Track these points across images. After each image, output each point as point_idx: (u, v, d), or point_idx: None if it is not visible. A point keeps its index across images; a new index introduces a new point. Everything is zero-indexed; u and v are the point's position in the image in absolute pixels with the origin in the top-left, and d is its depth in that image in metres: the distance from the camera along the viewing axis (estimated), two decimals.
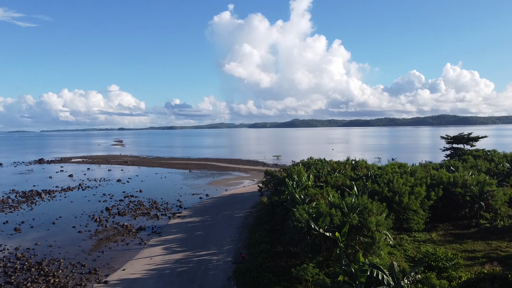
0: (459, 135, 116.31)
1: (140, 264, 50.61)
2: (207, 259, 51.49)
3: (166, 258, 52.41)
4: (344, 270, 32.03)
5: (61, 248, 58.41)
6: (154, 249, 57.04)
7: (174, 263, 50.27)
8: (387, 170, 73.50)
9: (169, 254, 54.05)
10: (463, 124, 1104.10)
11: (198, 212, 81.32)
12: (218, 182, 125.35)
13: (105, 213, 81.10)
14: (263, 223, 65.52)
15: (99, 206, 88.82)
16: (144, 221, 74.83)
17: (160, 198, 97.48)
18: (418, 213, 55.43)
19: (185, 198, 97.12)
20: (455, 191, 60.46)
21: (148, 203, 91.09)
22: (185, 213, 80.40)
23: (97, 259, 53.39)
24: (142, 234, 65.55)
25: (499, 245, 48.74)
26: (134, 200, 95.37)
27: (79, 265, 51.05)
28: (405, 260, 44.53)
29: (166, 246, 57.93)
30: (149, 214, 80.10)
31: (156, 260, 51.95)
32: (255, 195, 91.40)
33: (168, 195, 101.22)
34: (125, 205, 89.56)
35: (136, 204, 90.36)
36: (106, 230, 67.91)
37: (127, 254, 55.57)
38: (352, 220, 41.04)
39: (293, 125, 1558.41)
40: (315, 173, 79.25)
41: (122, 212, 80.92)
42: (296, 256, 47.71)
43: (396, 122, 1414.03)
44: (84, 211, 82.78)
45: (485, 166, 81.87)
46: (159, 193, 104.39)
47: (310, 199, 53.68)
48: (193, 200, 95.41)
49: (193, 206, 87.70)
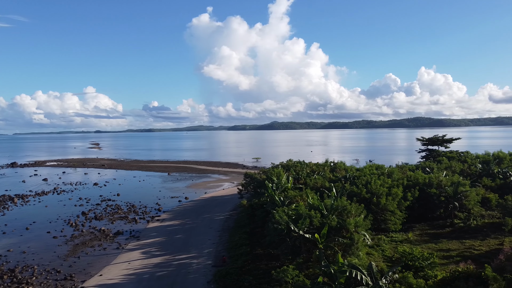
0: (434, 137, 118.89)
1: (118, 269, 49.69)
2: (187, 262, 51.02)
3: (145, 263, 51.65)
4: (323, 271, 32.29)
5: (35, 254, 56.75)
6: (133, 253, 56.13)
7: (153, 268, 49.60)
8: (365, 171, 74.53)
9: (148, 258, 53.28)
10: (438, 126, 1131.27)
11: (177, 215, 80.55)
12: (197, 185, 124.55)
13: (81, 218, 79.35)
14: (243, 226, 65.47)
15: (75, 210, 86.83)
16: (122, 225, 73.59)
17: (138, 201, 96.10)
18: (395, 214, 56.44)
19: (164, 201, 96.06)
20: (430, 192, 61.88)
21: (126, 207, 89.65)
22: (164, 217, 79.51)
23: (73, 264, 52.15)
24: (120, 239, 64.42)
25: (473, 244, 50.13)
26: (111, 204, 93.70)
27: (54, 271, 49.72)
28: (383, 260, 45.20)
29: (144, 250, 57.10)
30: (127, 218, 78.82)
31: (135, 264, 51.13)
32: (235, 197, 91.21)
33: (147, 199, 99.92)
34: (102, 209, 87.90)
35: (114, 208, 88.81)
36: (82, 235, 66.45)
37: (104, 259, 54.48)
38: (331, 222, 41.44)
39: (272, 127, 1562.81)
40: (294, 175, 79.70)
41: (99, 216, 79.39)
42: (277, 258, 47.82)
43: (374, 125, 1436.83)
44: (60, 216, 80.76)
45: (458, 167, 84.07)
46: (137, 197, 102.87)
47: (290, 201, 53.93)
48: (172, 203, 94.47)
49: (173, 209, 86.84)
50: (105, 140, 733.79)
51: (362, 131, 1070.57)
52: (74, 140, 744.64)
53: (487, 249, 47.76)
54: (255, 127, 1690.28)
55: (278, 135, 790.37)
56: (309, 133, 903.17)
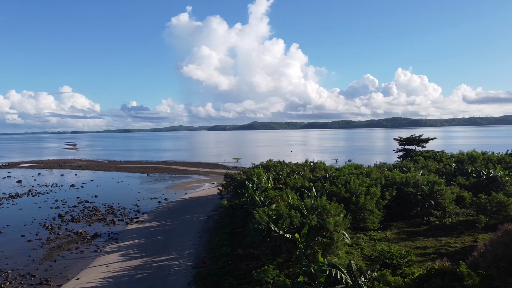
0: (411, 137, 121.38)
1: (96, 272, 48.78)
2: (167, 264, 50.52)
3: (124, 265, 50.87)
4: (304, 270, 32.54)
5: (9, 258, 55.07)
6: (111, 256, 55.20)
7: (133, 270, 48.90)
8: (344, 171, 75.49)
9: (127, 261, 52.51)
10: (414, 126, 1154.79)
11: (157, 216, 79.66)
12: (177, 186, 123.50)
13: (57, 220, 77.49)
14: (223, 226, 65.30)
15: (50, 213, 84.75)
16: (99, 227, 72.27)
17: (117, 203, 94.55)
18: (373, 213, 57.35)
19: (143, 203, 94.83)
20: (407, 191, 63.17)
21: (104, 209, 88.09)
22: (144, 218, 78.51)
23: (48, 268, 50.87)
24: (98, 241, 63.25)
25: (448, 241, 51.47)
26: (89, 206, 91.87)
27: (28, 276, 48.39)
28: (362, 259, 45.89)
29: (123, 253, 56.23)
30: (105, 220, 77.45)
31: (113, 267, 50.29)
32: (215, 198, 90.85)
33: (125, 200, 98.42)
34: (79, 211, 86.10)
35: (91, 210, 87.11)
36: (58, 238, 64.94)
37: (82, 262, 53.38)
38: (311, 221, 41.77)
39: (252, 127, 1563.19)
40: (274, 175, 79.98)
41: (76, 219, 77.73)
42: (257, 259, 47.89)
43: (352, 125, 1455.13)
44: (35, 219, 78.67)
45: (434, 166, 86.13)
46: (115, 198, 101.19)
47: (270, 201, 54.10)
48: (151, 204, 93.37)
49: (152, 211, 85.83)
50: (82, 140, 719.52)
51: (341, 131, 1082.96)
52: (49, 141, 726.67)
53: (461, 246, 49.13)
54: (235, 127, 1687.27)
55: (258, 135, 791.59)
56: (289, 133, 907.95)
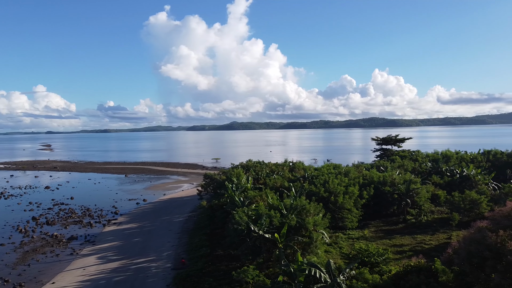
0: (388, 137, 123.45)
1: (72, 276, 47.73)
2: (145, 266, 49.89)
3: (101, 268, 49.95)
4: (283, 270, 32.72)
5: None
6: (88, 259, 54.12)
7: (110, 273, 48.07)
8: (323, 171, 76.27)
9: (105, 264, 51.58)
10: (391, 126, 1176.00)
11: (135, 218, 78.58)
12: (156, 187, 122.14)
13: (31, 223, 75.43)
14: (203, 227, 65.00)
15: (24, 215, 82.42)
16: (76, 229, 70.75)
17: (93, 204, 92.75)
18: (352, 212, 58.19)
19: (121, 204, 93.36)
20: (384, 190, 64.36)
21: (81, 211, 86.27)
22: (121, 220, 77.32)
23: (22, 273, 49.45)
24: (74, 244, 61.90)
25: (424, 238, 52.73)
26: (64, 208, 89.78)
27: (1, 281, 46.89)
28: (340, 257, 46.48)
29: (101, 255, 55.21)
30: (81, 222, 75.86)
31: (90, 270, 49.32)
32: (195, 199, 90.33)
33: (103, 202, 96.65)
34: (55, 213, 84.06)
35: (67, 212, 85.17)
36: (32, 241, 63.22)
37: (57, 266, 52.13)
38: (291, 221, 42.04)
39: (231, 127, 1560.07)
40: (254, 175, 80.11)
41: (51, 221, 75.89)
42: (237, 259, 47.86)
43: (331, 125, 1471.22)
44: (7, 222, 76.31)
45: (410, 165, 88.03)
46: (92, 200, 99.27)
47: (250, 202, 54.14)
48: (129, 205, 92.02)
49: (130, 212, 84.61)
50: (57, 141, 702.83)
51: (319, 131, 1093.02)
52: (23, 142, 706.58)
53: (436, 243, 50.42)
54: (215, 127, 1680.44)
55: (238, 135, 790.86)
56: (268, 133, 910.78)
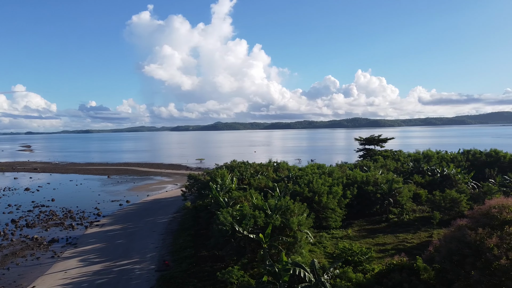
0: (370, 137, 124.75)
1: (53, 279, 46.87)
2: (129, 268, 49.35)
3: (83, 271, 49.19)
4: (268, 270, 32.79)
5: None
6: (70, 261, 53.22)
7: (93, 275, 47.39)
8: (307, 171, 76.68)
9: (87, 266, 50.81)
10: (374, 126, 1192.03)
11: (118, 219, 77.62)
12: (139, 188, 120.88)
13: (10, 226, 73.72)
14: (187, 228, 64.66)
15: (3, 218, 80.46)
16: (57, 232, 69.48)
17: (75, 206, 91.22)
18: (335, 212, 58.69)
19: (103, 206, 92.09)
20: (367, 189, 65.13)
21: (62, 213, 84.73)
22: (104, 221, 76.27)
23: (1, 277, 48.31)
24: (55, 247, 60.79)
25: (406, 237, 53.56)
26: (45, 210, 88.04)
27: None
28: (324, 257, 46.86)
29: (83, 258, 54.37)
30: (63, 224, 74.52)
31: (72, 273, 48.53)
32: (179, 199, 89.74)
33: (85, 203, 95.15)
34: (35, 215, 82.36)
35: (48, 214, 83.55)
36: (12, 245, 61.81)
37: (38, 269, 51.11)
38: (275, 221, 42.17)
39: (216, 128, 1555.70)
40: (238, 175, 80.00)
41: (31, 224, 74.32)
42: (222, 260, 47.77)
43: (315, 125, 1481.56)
44: None
45: (393, 165, 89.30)
46: (74, 201, 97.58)
47: (234, 202, 54.07)
48: (112, 207, 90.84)
49: (113, 214, 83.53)
50: (37, 142, 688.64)
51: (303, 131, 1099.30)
52: (1, 142, 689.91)
53: (418, 241, 51.27)
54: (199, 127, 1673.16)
55: (222, 136, 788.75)
56: (253, 134, 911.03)
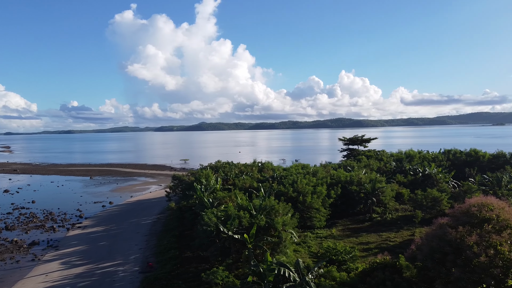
0: (354, 137, 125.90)
1: (33, 283, 45.92)
2: (112, 270, 48.71)
3: (65, 274, 48.34)
4: (253, 270, 32.82)
5: None
6: (51, 264, 52.23)
7: (75, 278, 46.61)
8: (291, 171, 77.02)
9: (69, 269, 49.96)
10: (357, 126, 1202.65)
11: (101, 221, 76.54)
12: (122, 189, 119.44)
13: None
14: (171, 229, 64.17)
15: None
16: (37, 234, 68.11)
17: (57, 208, 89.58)
18: (320, 211, 59.11)
19: (86, 207, 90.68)
20: (351, 189, 65.78)
21: (43, 215, 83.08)
22: (87, 223, 75.12)
23: None
24: (36, 249, 59.57)
25: (389, 236, 54.30)
26: (25, 212, 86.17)
27: None
28: (309, 256, 47.13)
29: (64, 261, 53.43)
30: (43, 226, 73.08)
31: (53, 276, 47.64)
32: (163, 200, 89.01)
33: (66, 205, 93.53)
34: (15, 218, 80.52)
35: (28, 216, 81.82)
36: None
37: (18, 272, 50.00)
38: (260, 221, 42.22)
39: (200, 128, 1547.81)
40: (223, 176, 79.82)
41: (11, 227, 72.63)
42: (206, 261, 47.59)
43: (299, 125, 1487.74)
44: None
45: (376, 165, 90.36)
46: (55, 203, 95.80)
47: (219, 203, 53.95)
48: (95, 208, 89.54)
49: (96, 215, 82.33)
50: (17, 142, 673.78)
51: (288, 131, 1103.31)
52: None
53: (401, 240, 52.04)
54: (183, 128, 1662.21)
55: (206, 136, 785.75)
56: (237, 134, 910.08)
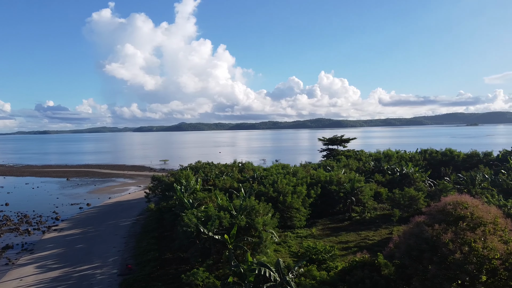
0: (333, 137, 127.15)
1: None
2: (89, 273, 47.78)
3: (40, 278, 47.14)
4: (233, 271, 32.79)
5: None
6: (25, 268, 50.82)
7: (51, 282, 45.51)
8: (272, 171, 77.25)
9: (44, 273, 48.72)
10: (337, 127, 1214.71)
11: (78, 223, 74.96)
12: (100, 190, 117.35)
13: None
14: (151, 231, 63.45)
15: None
16: (11, 238, 66.17)
17: (32, 210, 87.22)
18: (300, 211, 59.48)
19: (62, 209, 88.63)
20: (331, 189, 66.43)
21: (17, 217, 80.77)
22: (63, 226, 73.45)
23: None
24: (10, 253, 57.86)
25: (367, 234, 55.12)
26: None
27: None
28: (289, 256, 47.35)
29: (40, 264, 52.09)
30: (18, 229, 71.05)
31: (28, 281, 46.38)
32: (142, 201, 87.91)
33: (42, 207, 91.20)
34: None
35: (1, 219, 79.37)
36: None
37: None
38: (240, 222, 42.19)
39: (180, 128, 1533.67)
40: (203, 176, 79.43)
41: None
42: (187, 262, 47.22)
43: (279, 125, 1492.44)
44: None
45: (355, 165, 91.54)
46: (30, 205, 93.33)
47: (199, 203, 53.65)
48: (72, 210, 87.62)
49: (73, 217, 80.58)
50: None
51: (268, 131, 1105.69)
52: None
53: (379, 238, 52.89)
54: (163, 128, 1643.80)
55: (186, 136, 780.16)
56: (217, 134, 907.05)
